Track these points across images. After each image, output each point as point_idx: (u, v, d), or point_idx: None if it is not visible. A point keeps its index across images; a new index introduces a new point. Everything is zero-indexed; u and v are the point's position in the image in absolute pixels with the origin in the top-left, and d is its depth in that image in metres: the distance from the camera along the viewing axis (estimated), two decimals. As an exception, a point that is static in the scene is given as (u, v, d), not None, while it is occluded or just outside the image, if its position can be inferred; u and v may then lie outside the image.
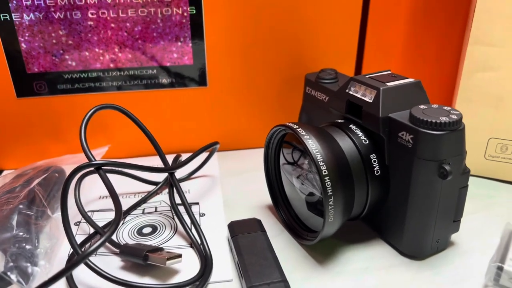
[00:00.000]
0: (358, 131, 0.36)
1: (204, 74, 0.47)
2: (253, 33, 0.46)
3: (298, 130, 0.33)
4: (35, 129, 0.47)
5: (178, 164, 0.39)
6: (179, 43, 0.45)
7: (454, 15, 0.47)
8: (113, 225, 0.29)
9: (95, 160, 0.32)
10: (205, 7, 0.44)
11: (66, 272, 0.28)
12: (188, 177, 0.46)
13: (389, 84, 0.35)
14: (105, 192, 0.43)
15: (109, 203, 0.42)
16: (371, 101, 0.35)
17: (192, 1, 0.44)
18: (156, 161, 0.43)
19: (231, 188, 0.45)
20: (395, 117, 0.33)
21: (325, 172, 0.31)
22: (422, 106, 0.33)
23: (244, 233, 0.35)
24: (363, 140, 0.35)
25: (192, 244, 0.36)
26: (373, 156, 0.35)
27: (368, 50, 0.50)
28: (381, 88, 0.34)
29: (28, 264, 0.29)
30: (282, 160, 0.39)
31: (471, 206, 0.39)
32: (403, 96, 0.35)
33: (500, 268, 0.32)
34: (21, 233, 0.31)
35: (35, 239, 0.31)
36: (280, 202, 0.39)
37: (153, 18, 0.44)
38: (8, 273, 0.28)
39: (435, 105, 0.34)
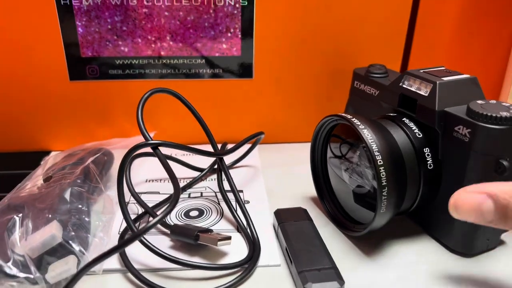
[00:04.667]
0: (411, 125, 0.36)
1: (250, 66, 0.48)
2: (301, 27, 0.47)
3: (353, 120, 0.33)
4: (84, 112, 0.48)
5: (227, 150, 0.40)
6: (229, 34, 0.46)
7: (505, 11, 0.47)
8: (172, 203, 0.30)
9: (152, 140, 0.33)
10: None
11: (124, 245, 0.28)
12: (232, 166, 0.46)
13: (445, 78, 0.35)
14: (152, 175, 0.45)
15: (155, 186, 0.43)
16: (426, 94, 0.35)
17: (246, -8, 0.45)
18: (204, 149, 0.44)
19: (273, 178, 0.45)
20: (452, 111, 0.33)
21: (380, 162, 0.31)
22: (479, 101, 0.33)
23: (291, 221, 0.36)
24: (416, 134, 0.35)
25: (239, 228, 0.36)
26: (426, 150, 0.35)
27: (416, 47, 0.50)
28: (437, 82, 0.34)
29: (88, 235, 0.30)
30: (329, 154, 0.39)
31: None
32: (459, 91, 0.35)
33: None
34: (80, 206, 0.32)
35: (92, 213, 0.32)
36: (325, 194, 0.39)
37: (205, 8, 0.45)
38: (70, 242, 0.29)
39: (493, 101, 0.33)
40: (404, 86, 0.37)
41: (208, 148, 0.41)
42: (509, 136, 0.31)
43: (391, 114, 0.37)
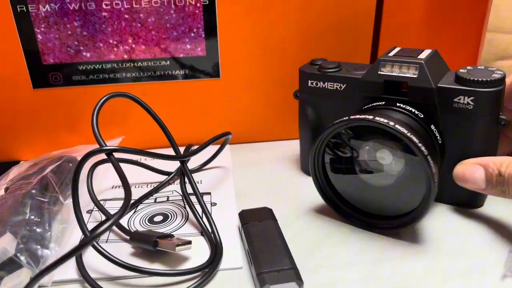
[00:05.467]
0: (408, 107, 0.36)
1: (217, 66, 0.47)
2: (266, 24, 0.46)
3: (376, 119, 0.33)
4: (51, 120, 0.47)
5: (189, 152, 0.39)
6: (192, 34, 0.45)
7: (473, 2, 0.46)
8: (122, 207, 0.29)
9: (106, 146, 0.33)
10: (217, -3, 0.44)
11: (74, 253, 0.27)
12: (201, 167, 0.45)
13: (422, 57, 0.36)
14: (118, 181, 0.44)
15: (121, 192, 0.42)
16: (416, 76, 0.35)
17: (205, -9, 0.44)
18: (169, 153, 0.43)
19: (243, 179, 0.44)
20: (446, 85, 0.35)
21: (417, 140, 0.32)
22: (462, 70, 0.35)
23: (255, 221, 0.35)
24: (419, 115, 0.36)
25: (203, 232, 0.36)
26: (432, 127, 0.36)
27: (383, 40, 0.49)
28: (423, 62, 0.35)
29: (38, 247, 0.29)
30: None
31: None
32: (437, 65, 0.37)
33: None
34: (32, 217, 0.31)
35: (47, 224, 0.32)
36: (340, 205, 0.38)
37: (166, 9, 0.44)
38: (19, 255, 0.28)
39: (470, 67, 0.35)
40: (384, 73, 0.36)
41: (172, 151, 0.41)
42: (503, 94, 0.34)
43: (380, 104, 0.37)
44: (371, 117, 0.33)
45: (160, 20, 0.44)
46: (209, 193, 0.42)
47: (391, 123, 0.32)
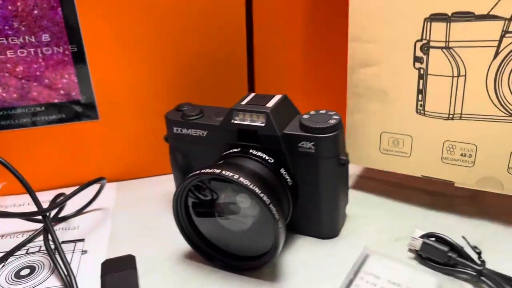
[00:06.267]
0: (260, 154, 0.39)
1: (94, 108, 0.48)
2: (139, 65, 0.47)
3: (218, 172, 0.34)
4: None
5: (50, 206, 0.39)
6: (65, 80, 0.46)
7: (339, 14, 0.48)
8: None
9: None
10: (86, 44, 0.45)
11: None
12: (79, 212, 0.46)
13: (270, 105, 0.39)
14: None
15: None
16: (264, 124, 0.38)
17: (72, 39, 0.44)
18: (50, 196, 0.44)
19: (122, 220, 0.45)
20: (291, 132, 0.38)
21: (257, 190, 0.34)
22: (305, 116, 0.39)
23: (114, 272, 0.36)
24: (269, 160, 0.38)
25: (67, 284, 0.37)
26: (282, 170, 0.38)
27: (259, 73, 0.51)
28: (269, 111, 0.38)
29: None
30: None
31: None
32: (284, 111, 0.40)
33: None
34: None
35: None
36: (204, 249, 0.39)
37: (34, 58, 0.44)
38: None
39: (312, 112, 0.39)
40: (237, 122, 0.39)
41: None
42: (340, 136, 0.38)
43: (236, 151, 0.39)
44: (218, 170, 0.35)
45: (29, 69, 0.44)
46: (82, 240, 0.42)
47: (236, 176, 0.34)
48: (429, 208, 0.45)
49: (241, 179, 0.34)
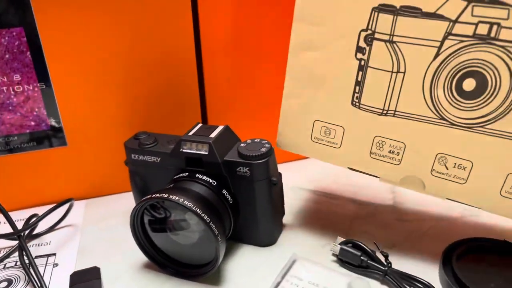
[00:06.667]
0: (205, 178, 0.45)
1: (62, 136, 0.54)
2: (102, 98, 0.53)
3: (166, 196, 0.41)
4: None
5: (24, 227, 0.46)
6: (35, 113, 0.52)
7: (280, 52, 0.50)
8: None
9: None
10: (53, 81, 0.51)
11: None
12: (51, 229, 0.52)
13: (213, 135, 0.45)
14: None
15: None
16: (207, 153, 0.44)
17: (41, 78, 0.50)
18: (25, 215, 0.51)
19: (90, 235, 0.51)
20: (230, 159, 0.45)
21: (200, 211, 0.40)
22: (242, 144, 0.45)
23: (80, 283, 0.42)
24: (212, 183, 0.45)
25: (39, 296, 0.43)
26: (224, 191, 0.45)
27: (209, 102, 0.58)
28: (211, 142, 0.44)
29: None
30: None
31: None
32: (225, 140, 0.46)
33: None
34: None
35: None
36: (159, 259, 0.46)
37: (6, 95, 0.50)
38: None
39: (249, 140, 0.46)
40: (185, 150, 0.45)
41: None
42: (271, 161, 0.45)
43: (184, 175, 0.46)
44: (167, 195, 0.41)
45: (3, 104, 0.50)
46: (54, 254, 0.49)
47: (181, 200, 0.41)
48: (355, 217, 0.53)
49: (186, 202, 0.41)
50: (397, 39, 0.38)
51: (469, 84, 0.37)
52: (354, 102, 0.42)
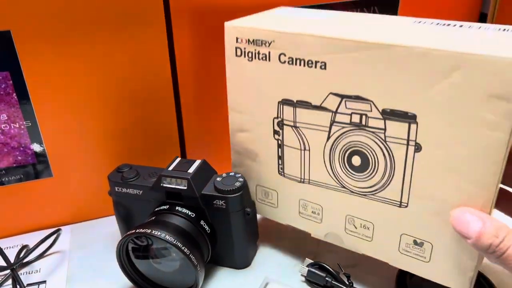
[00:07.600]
0: (184, 210, 0.49)
1: (48, 168, 0.57)
2: (85, 134, 0.57)
3: (153, 232, 0.45)
4: None
5: (16, 261, 0.49)
6: (22, 148, 0.55)
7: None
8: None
9: None
10: (38, 119, 0.54)
11: None
12: (40, 257, 0.55)
13: (191, 171, 0.49)
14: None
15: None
16: (186, 187, 0.48)
17: (27, 116, 0.53)
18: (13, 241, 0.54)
19: (77, 261, 0.55)
20: (207, 192, 0.49)
21: (181, 245, 0.45)
22: (218, 178, 0.50)
23: (71, 311, 0.46)
24: (191, 215, 0.49)
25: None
26: (202, 222, 0.49)
27: (187, 137, 0.62)
28: (190, 177, 0.48)
29: None
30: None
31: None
32: (202, 174, 0.50)
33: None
34: None
35: None
36: (142, 284, 0.49)
37: (-6, 133, 0.53)
38: None
39: (224, 174, 0.50)
40: (165, 185, 0.49)
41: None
42: (244, 194, 0.49)
43: (165, 208, 0.50)
44: (149, 230, 0.45)
45: (-10, 141, 0.53)
46: (44, 282, 0.52)
47: (163, 235, 0.45)
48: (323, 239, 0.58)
49: (167, 236, 0.45)
50: (299, 125, 0.46)
51: (356, 160, 0.44)
52: (280, 172, 0.50)
